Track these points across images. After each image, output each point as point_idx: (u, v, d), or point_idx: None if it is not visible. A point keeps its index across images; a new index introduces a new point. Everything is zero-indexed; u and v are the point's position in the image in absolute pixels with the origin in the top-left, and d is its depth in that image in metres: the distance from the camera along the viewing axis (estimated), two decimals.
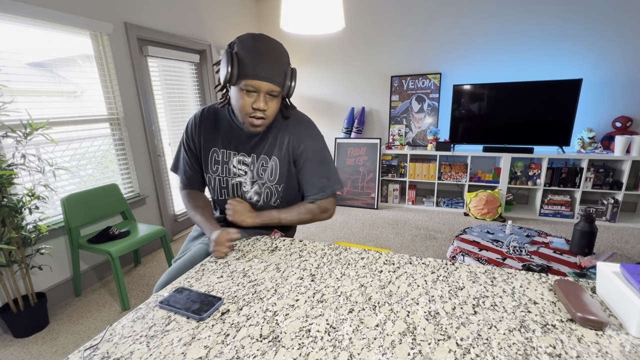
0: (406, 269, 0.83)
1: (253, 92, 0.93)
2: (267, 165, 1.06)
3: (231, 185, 1.10)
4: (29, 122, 1.67)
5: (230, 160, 1.08)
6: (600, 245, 2.65)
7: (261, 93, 0.93)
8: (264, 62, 0.90)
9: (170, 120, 2.96)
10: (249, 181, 1.08)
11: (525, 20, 3.18)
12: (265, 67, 0.90)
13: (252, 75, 0.90)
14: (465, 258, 1.92)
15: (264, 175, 1.07)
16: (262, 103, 0.93)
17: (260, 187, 1.08)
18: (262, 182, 1.08)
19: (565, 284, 0.70)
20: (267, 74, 0.90)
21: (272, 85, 0.92)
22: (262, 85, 0.91)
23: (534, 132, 3.18)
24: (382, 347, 0.57)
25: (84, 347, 0.60)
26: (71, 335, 1.77)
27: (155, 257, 2.64)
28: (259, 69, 0.90)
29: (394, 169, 3.74)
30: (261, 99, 0.93)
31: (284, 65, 0.94)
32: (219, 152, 1.08)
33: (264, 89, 0.92)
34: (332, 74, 4.02)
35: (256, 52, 0.90)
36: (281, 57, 0.93)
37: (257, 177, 1.07)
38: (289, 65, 0.97)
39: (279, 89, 0.95)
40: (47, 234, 1.97)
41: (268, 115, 0.97)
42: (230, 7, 3.60)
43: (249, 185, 1.09)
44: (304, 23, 1.34)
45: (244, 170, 1.08)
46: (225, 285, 0.79)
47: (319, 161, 1.08)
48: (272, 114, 0.98)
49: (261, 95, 0.93)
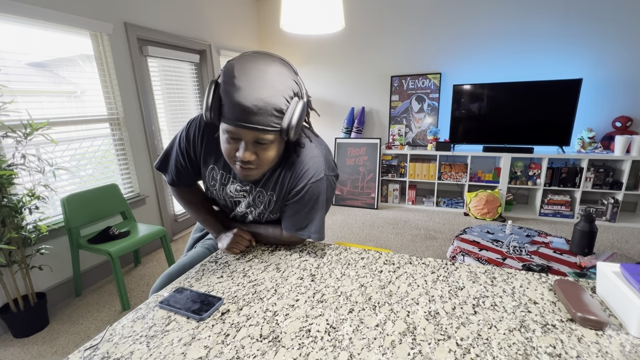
0: (406, 269, 0.83)
1: (237, 139, 0.74)
2: (264, 199, 0.95)
3: (229, 202, 1.02)
4: (29, 122, 1.67)
5: (228, 185, 0.96)
6: (600, 245, 2.65)
7: (246, 143, 0.74)
8: (246, 102, 0.68)
9: (170, 120, 2.96)
10: (244, 205, 0.99)
11: (526, 20, 3.18)
12: (248, 110, 0.68)
13: (230, 118, 0.70)
14: (465, 258, 1.92)
15: (259, 205, 0.97)
16: (247, 153, 0.74)
17: (254, 210, 1.00)
18: (257, 210, 0.99)
19: (565, 284, 0.70)
20: (249, 119, 0.69)
21: (258, 134, 0.71)
22: (244, 134, 0.72)
23: (534, 132, 3.18)
24: (382, 347, 0.57)
25: (84, 347, 0.60)
26: (71, 335, 1.77)
27: (155, 257, 2.64)
28: (238, 113, 0.69)
29: (394, 169, 3.74)
30: (244, 146, 0.74)
31: (281, 101, 0.71)
32: (218, 172, 0.95)
33: (249, 138, 0.73)
34: (332, 74, 4.02)
35: (237, 88, 0.68)
36: (276, 88, 0.70)
37: (253, 204, 0.98)
38: (293, 96, 0.73)
39: (272, 136, 0.73)
40: (47, 234, 1.97)
41: (260, 164, 0.79)
42: (231, 7, 3.60)
43: (244, 207, 1.00)
44: (304, 23, 1.34)
45: (243, 194, 0.97)
46: (225, 285, 0.79)
47: (309, 208, 0.92)
48: (267, 163, 0.80)
49: (247, 145, 0.74)
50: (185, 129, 0.93)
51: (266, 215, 1.00)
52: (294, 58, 4.13)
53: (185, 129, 0.93)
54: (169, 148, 0.98)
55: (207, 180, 0.98)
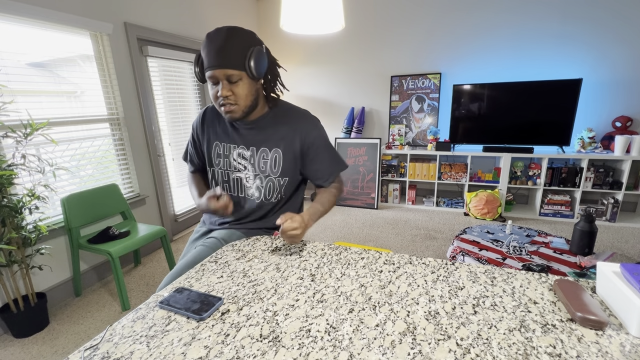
0: (406, 269, 0.83)
1: (215, 82, 0.95)
2: (268, 158, 1.07)
3: (232, 179, 1.12)
4: (29, 122, 1.67)
5: (231, 154, 1.10)
6: (600, 245, 2.65)
7: (221, 81, 0.94)
8: (213, 50, 0.90)
9: (170, 120, 2.96)
10: (252, 175, 1.09)
11: (526, 19, 3.18)
12: (216, 55, 0.90)
13: (207, 65, 0.93)
14: (465, 258, 1.92)
15: (265, 167, 1.07)
16: (223, 90, 0.94)
17: (262, 180, 1.09)
18: (265, 175, 1.08)
19: (565, 283, 0.70)
20: (217, 61, 0.91)
21: (227, 71, 0.92)
22: (216, 74, 0.92)
23: (534, 132, 3.18)
24: (382, 347, 0.57)
25: (84, 347, 0.60)
26: (71, 335, 1.77)
27: (155, 257, 2.64)
28: (210, 59, 0.91)
29: (394, 168, 3.74)
30: (221, 86, 0.94)
31: (240, 48, 0.92)
32: (220, 146, 1.11)
33: (221, 76, 0.93)
34: (332, 74, 4.02)
35: (207, 43, 0.92)
36: (233, 40, 0.91)
37: (259, 170, 1.08)
38: (252, 47, 0.94)
39: (236, 71, 0.93)
40: (47, 234, 1.97)
41: (237, 100, 0.96)
42: (231, 7, 3.60)
43: (251, 180, 1.10)
44: (304, 23, 1.34)
45: (244, 165, 1.09)
46: (225, 285, 0.79)
47: (325, 148, 1.11)
48: (242, 97, 0.97)
49: (221, 83, 0.94)
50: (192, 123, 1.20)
51: (275, 183, 1.09)
52: (294, 58, 4.13)
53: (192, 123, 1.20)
54: (188, 142, 1.25)
55: (214, 160, 1.13)
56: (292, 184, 1.14)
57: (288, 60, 4.15)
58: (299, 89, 4.21)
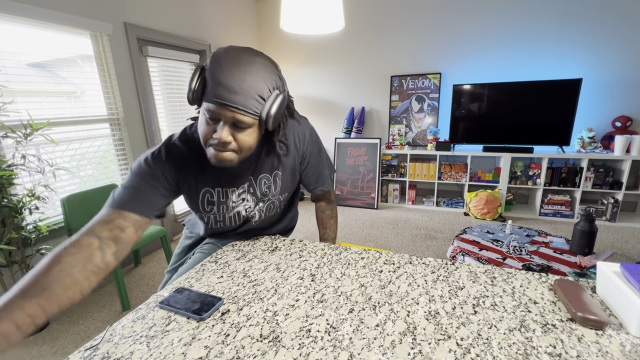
0: (406, 269, 0.83)
1: (214, 120, 0.73)
2: (270, 182, 0.96)
3: (228, 218, 0.98)
4: (29, 123, 1.67)
5: (229, 198, 0.93)
6: (600, 245, 2.65)
7: (225, 123, 0.72)
8: (226, 83, 0.68)
9: (170, 121, 2.96)
10: (252, 204, 0.98)
11: (526, 19, 3.18)
12: (227, 91, 0.68)
13: (211, 97, 0.70)
14: (465, 258, 1.92)
15: (268, 192, 0.97)
16: (224, 133, 0.72)
17: (264, 203, 0.99)
18: (266, 198, 0.98)
19: (565, 283, 0.70)
20: (228, 99, 0.69)
21: (236, 114, 0.70)
22: (222, 113, 0.70)
23: (533, 131, 3.18)
24: (383, 347, 0.57)
25: (84, 347, 0.60)
26: (71, 335, 1.77)
27: (155, 257, 2.64)
28: (218, 92, 0.69)
29: (394, 168, 3.74)
30: (223, 128, 0.72)
31: (261, 89, 0.71)
32: (213, 192, 0.91)
33: (226, 118, 0.71)
34: (332, 74, 4.02)
35: (219, 71, 0.69)
36: (256, 76, 0.70)
37: (261, 195, 0.97)
38: (276, 89, 0.75)
39: (249, 118, 0.72)
40: (47, 235, 1.97)
41: (239, 148, 0.76)
42: (230, 7, 3.60)
43: (251, 209, 0.99)
44: (304, 23, 1.34)
45: (243, 198, 0.95)
46: (225, 285, 0.79)
47: (318, 152, 1.03)
48: (245, 148, 0.77)
49: (225, 125, 0.72)
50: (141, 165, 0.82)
51: (275, 203, 1.02)
52: (294, 58, 4.13)
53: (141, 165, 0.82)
54: (127, 182, 0.80)
55: (202, 207, 0.93)
56: (289, 195, 1.09)
57: (288, 60, 4.15)
58: (299, 89, 4.20)
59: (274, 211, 1.05)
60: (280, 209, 1.08)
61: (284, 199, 1.04)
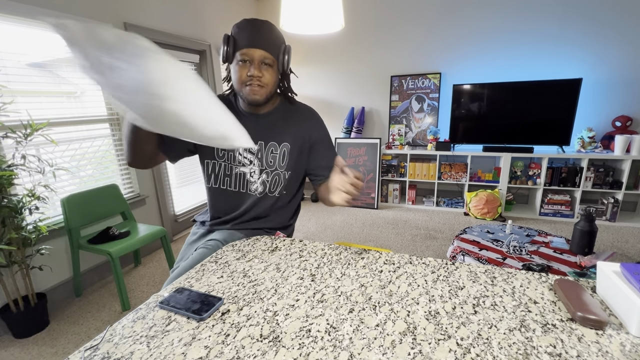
0: (406, 269, 0.83)
1: (247, 61, 0.97)
2: (277, 152, 1.08)
3: (235, 174, 1.11)
4: (29, 123, 1.67)
5: (236, 149, 1.08)
6: (601, 244, 2.65)
7: (255, 61, 0.97)
8: (256, 32, 0.95)
9: None
10: (257, 170, 1.09)
11: (525, 19, 3.18)
12: (258, 37, 0.95)
13: (244, 45, 0.95)
14: (465, 258, 1.92)
15: (274, 162, 1.09)
16: (256, 70, 0.97)
17: (268, 175, 1.10)
18: (271, 169, 1.09)
19: (565, 283, 0.70)
20: (259, 42, 0.95)
21: (265, 53, 0.96)
22: (254, 53, 0.95)
23: (533, 131, 3.18)
24: (383, 346, 0.57)
25: (84, 347, 0.60)
26: (71, 335, 1.77)
27: (155, 257, 2.64)
28: (251, 38, 0.95)
29: (394, 168, 3.74)
30: (255, 66, 0.97)
31: (278, 40, 0.99)
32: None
33: (257, 56, 0.96)
34: (332, 74, 4.02)
35: (249, 26, 0.96)
36: (274, 31, 0.99)
37: (267, 164, 1.08)
38: (284, 43, 1.02)
39: (273, 57, 0.99)
40: (48, 235, 1.96)
41: (265, 83, 0.99)
42: (230, 7, 3.60)
43: (256, 175, 1.10)
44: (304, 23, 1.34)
45: (249, 160, 1.09)
46: (225, 285, 0.79)
47: (328, 145, 1.16)
48: (269, 82, 1.00)
49: (255, 63, 0.97)
50: None
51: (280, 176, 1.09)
52: (294, 58, 4.13)
53: None
54: None
55: (217, 151, 1.09)
56: (295, 180, 1.15)
57: None
58: (299, 89, 4.20)
59: (280, 189, 1.12)
60: (285, 191, 1.13)
61: (289, 178, 1.11)
